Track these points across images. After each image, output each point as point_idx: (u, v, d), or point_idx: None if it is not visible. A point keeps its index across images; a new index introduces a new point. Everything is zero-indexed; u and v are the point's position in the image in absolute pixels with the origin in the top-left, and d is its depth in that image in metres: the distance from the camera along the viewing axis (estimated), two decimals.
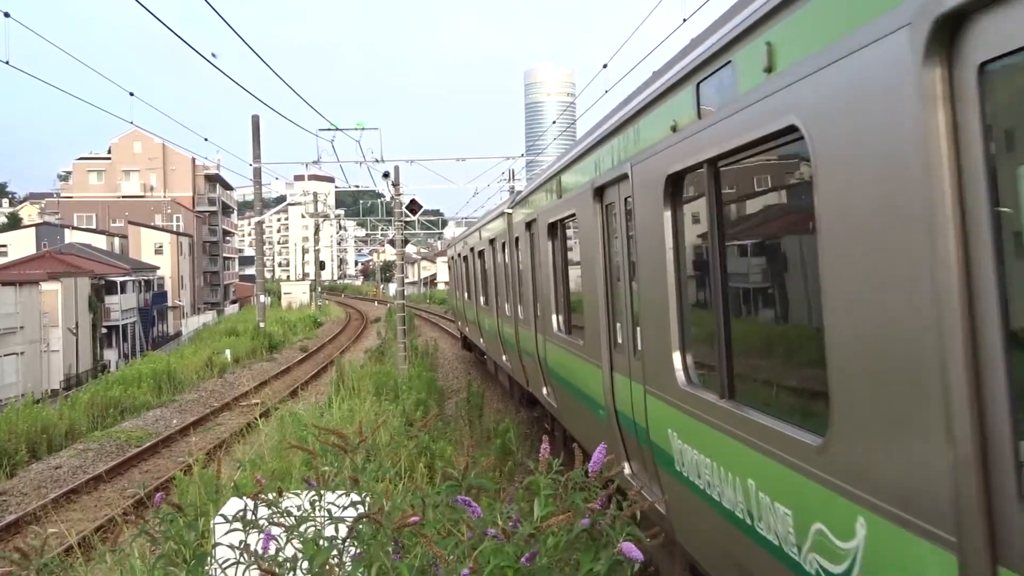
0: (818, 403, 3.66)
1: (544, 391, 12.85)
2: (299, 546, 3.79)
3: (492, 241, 18.02)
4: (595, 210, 8.09)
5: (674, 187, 5.64)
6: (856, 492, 3.25)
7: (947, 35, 2.59)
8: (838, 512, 3.37)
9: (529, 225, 12.90)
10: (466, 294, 25.42)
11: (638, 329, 6.75)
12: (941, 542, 2.70)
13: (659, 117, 5.82)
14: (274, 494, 4.11)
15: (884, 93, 2.89)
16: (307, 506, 4.02)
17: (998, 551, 2.47)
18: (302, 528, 3.87)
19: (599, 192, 8.01)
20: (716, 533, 5.01)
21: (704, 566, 5.53)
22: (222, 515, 4.12)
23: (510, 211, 15.47)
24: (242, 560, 3.78)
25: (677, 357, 5.67)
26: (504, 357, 17.19)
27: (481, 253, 20.60)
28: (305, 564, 3.65)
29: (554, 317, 11.02)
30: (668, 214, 5.72)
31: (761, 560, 4.24)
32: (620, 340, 7.57)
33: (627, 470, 7.48)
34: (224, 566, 3.92)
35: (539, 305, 12.21)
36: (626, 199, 6.97)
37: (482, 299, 21.06)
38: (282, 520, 3.94)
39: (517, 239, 14.23)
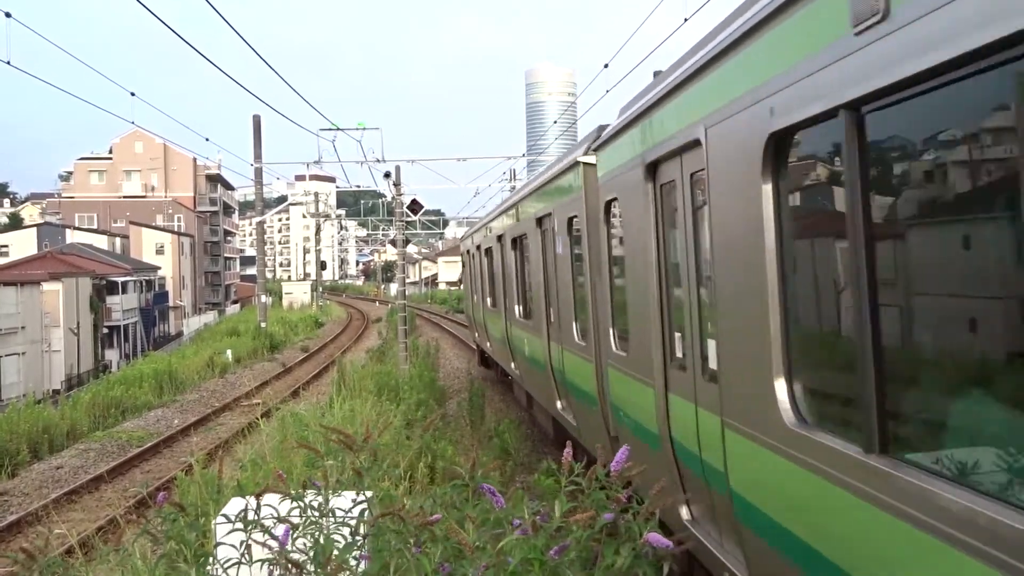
0: None
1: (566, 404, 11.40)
2: (305, 544, 3.79)
3: (543, 222, 11.96)
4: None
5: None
6: None
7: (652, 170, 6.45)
8: None
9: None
10: (488, 299, 19.39)
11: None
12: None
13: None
14: (297, 490, 4.12)
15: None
16: (315, 506, 4.02)
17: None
18: (312, 527, 3.88)
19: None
20: None
21: None
22: (224, 515, 4.11)
23: (591, 160, 8.96)
24: (245, 560, 3.78)
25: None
26: (560, 404, 11.85)
27: (519, 241, 14.48)
28: (312, 565, 3.64)
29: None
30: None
31: None
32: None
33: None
34: (226, 566, 3.92)
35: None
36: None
37: (517, 309, 14.99)
38: (292, 518, 3.94)
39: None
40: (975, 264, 2.90)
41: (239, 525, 3.94)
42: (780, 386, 4.11)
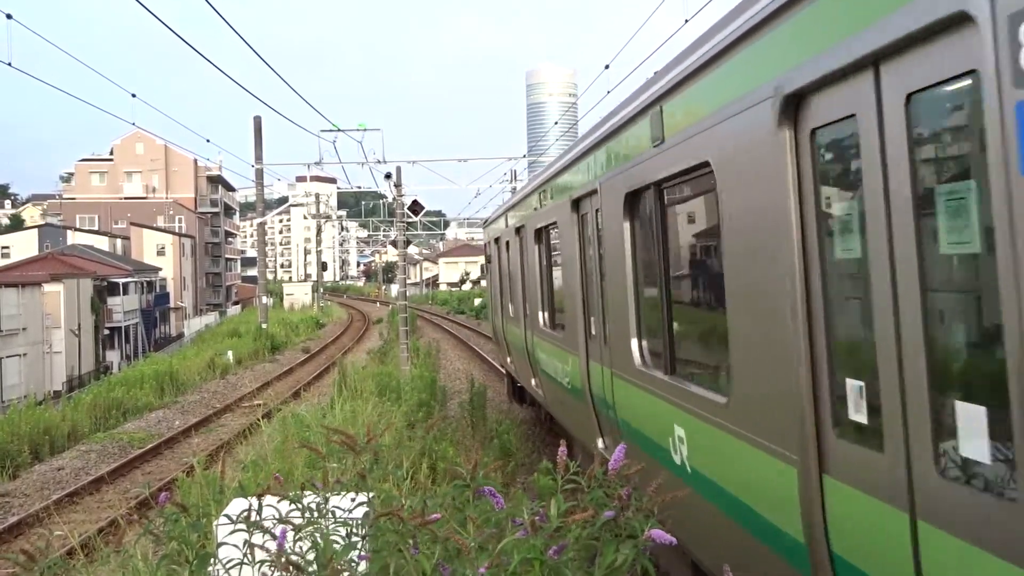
0: None
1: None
2: (303, 547, 3.79)
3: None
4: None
5: (631, 202, 5.78)
6: None
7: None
8: None
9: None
10: (525, 307, 13.30)
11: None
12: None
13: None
14: (296, 491, 4.12)
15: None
16: (315, 506, 4.03)
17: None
18: (312, 527, 3.88)
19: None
20: None
21: None
22: (226, 515, 4.11)
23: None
24: (247, 561, 3.78)
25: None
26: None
27: (587, 218, 8.64)
28: (313, 566, 3.64)
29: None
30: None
31: None
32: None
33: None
34: (228, 567, 3.92)
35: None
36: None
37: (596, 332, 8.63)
38: (292, 519, 3.94)
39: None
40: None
41: (241, 526, 3.94)
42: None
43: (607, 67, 22.15)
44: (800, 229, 3.80)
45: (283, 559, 3.51)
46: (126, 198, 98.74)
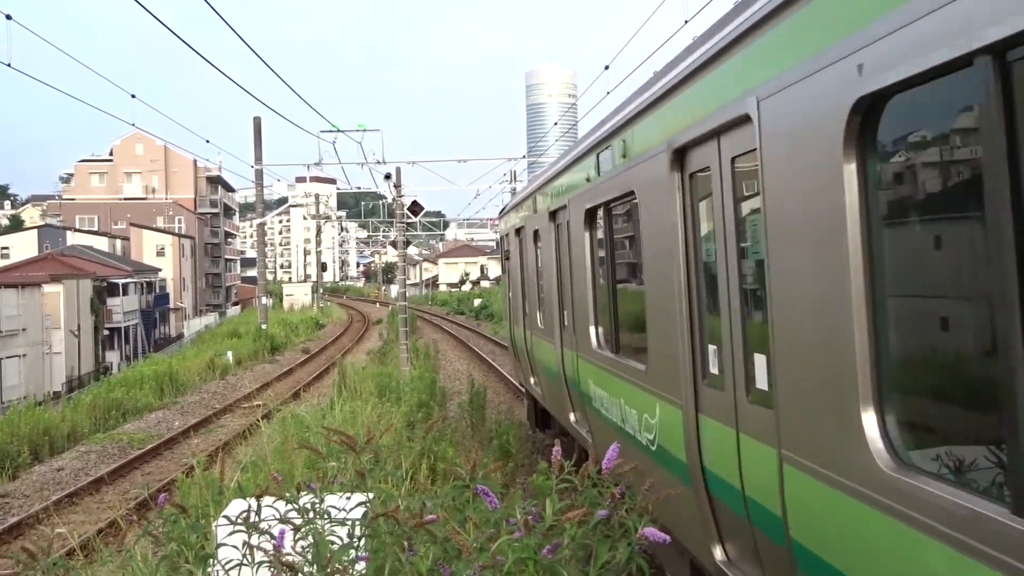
0: None
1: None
2: (304, 547, 3.79)
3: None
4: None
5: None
6: None
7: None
8: None
9: None
10: (562, 317, 10.59)
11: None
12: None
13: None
14: (292, 492, 4.12)
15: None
16: (309, 507, 4.03)
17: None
18: (310, 528, 3.88)
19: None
20: None
21: None
22: (226, 516, 4.12)
23: None
24: (246, 561, 3.78)
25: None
26: None
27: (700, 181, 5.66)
28: (311, 567, 3.64)
29: None
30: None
31: None
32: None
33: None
34: (227, 567, 3.92)
35: None
36: None
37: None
38: (292, 519, 3.94)
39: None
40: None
41: (240, 527, 3.95)
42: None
43: (607, 68, 22.17)
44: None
45: (279, 559, 3.51)
46: (126, 199, 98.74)
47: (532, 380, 14.26)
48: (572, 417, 10.32)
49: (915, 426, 3.20)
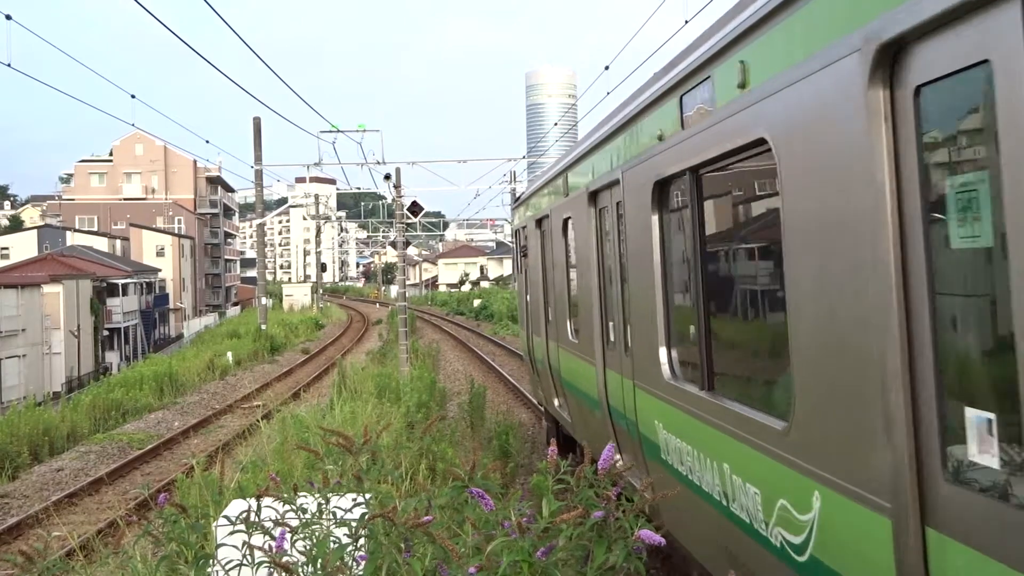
0: None
1: None
2: (304, 546, 3.79)
3: None
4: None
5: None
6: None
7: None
8: None
9: None
10: (605, 330, 8.47)
11: None
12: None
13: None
14: (289, 492, 4.12)
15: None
16: (314, 507, 4.03)
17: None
18: (310, 529, 3.88)
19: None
20: None
21: None
22: (225, 516, 4.12)
23: None
24: (246, 561, 3.78)
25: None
26: None
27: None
28: (310, 567, 3.64)
29: None
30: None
31: None
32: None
33: None
34: (227, 567, 3.92)
35: None
36: None
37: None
38: (290, 520, 3.94)
39: None
40: None
41: (240, 527, 3.95)
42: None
43: (607, 68, 22.17)
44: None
45: (276, 560, 3.51)
46: (125, 199, 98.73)
47: (557, 402, 11.99)
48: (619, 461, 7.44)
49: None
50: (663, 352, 6.29)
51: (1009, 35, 2.50)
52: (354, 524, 3.77)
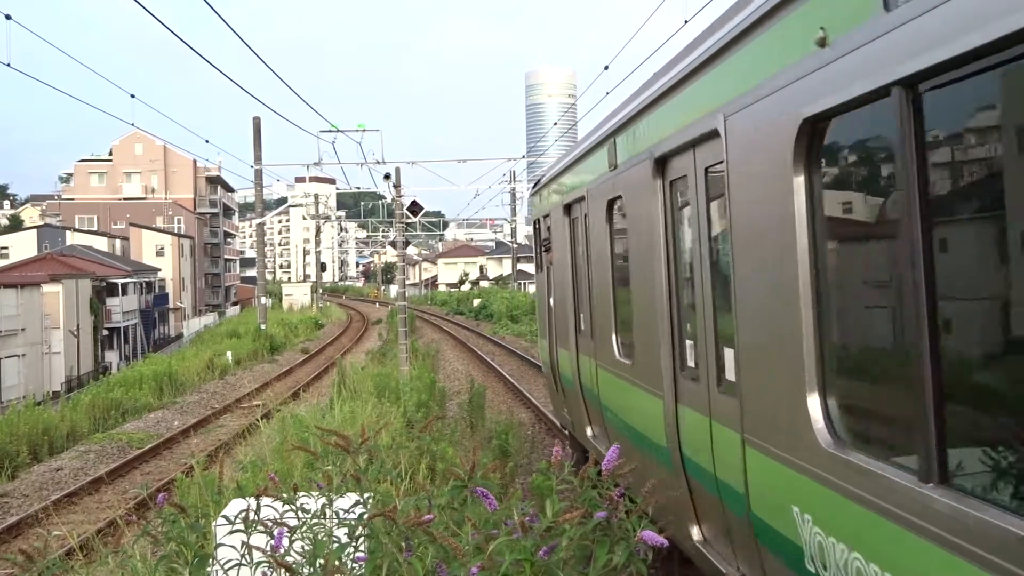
0: None
1: None
2: (306, 546, 3.79)
3: None
4: None
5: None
6: None
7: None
8: None
9: None
10: (676, 345, 6.15)
11: None
12: None
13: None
14: (290, 492, 4.12)
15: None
16: (314, 507, 4.03)
17: None
18: (310, 528, 3.88)
19: None
20: None
21: None
22: (225, 516, 4.12)
23: None
24: (245, 561, 3.78)
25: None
26: None
27: None
28: (309, 567, 3.64)
29: None
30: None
31: None
32: None
33: None
34: (227, 567, 3.92)
35: None
36: None
37: None
38: (290, 520, 3.94)
39: None
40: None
41: (239, 526, 3.95)
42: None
43: (606, 68, 22.17)
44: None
45: (276, 559, 3.51)
46: (125, 199, 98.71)
47: (590, 432, 9.76)
48: (694, 533, 5.85)
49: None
50: (814, 401, 3.82)
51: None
52: (354, 524, 3.77)
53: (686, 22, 15.32)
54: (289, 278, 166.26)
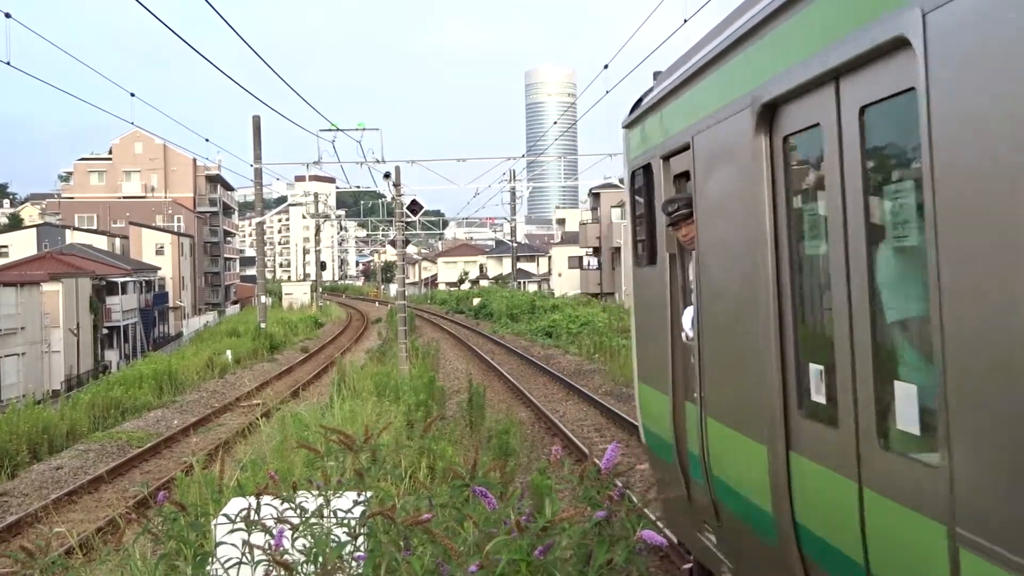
0: None
1: None
2: (305, 545, 3.79)
3: None
4: None
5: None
6: None
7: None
8: None
9: None
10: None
11: None
12: None
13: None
14: (289, 491, 4.12)
15: None
16: (314, 506, 4.03)
17: None
18: (308, 527, 3.88)
19: None
20: None
21: None
22: (225, 515, 4.12)
23: None
24: (245, 560, 3.79)
25: None
26: None
27: None
28: (310, 566, 3.65)
29: None
30: None
31: None
32: None
33: None
34: (227, 566, 3.93)
35: None
36: None
37: None
38: (290, 518, 3.94)
39: None
40: None
41: (239, 525, 3.95)
42: None
43: (606, 67, 22.16)
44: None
45: (275, 558, 3.51)
46: (125, 197, 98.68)
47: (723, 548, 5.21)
48: None
49: None
50: None
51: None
52: (354, 523, 3.78)
53: (685, 21, 15.32)
54: (289, 277, 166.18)
